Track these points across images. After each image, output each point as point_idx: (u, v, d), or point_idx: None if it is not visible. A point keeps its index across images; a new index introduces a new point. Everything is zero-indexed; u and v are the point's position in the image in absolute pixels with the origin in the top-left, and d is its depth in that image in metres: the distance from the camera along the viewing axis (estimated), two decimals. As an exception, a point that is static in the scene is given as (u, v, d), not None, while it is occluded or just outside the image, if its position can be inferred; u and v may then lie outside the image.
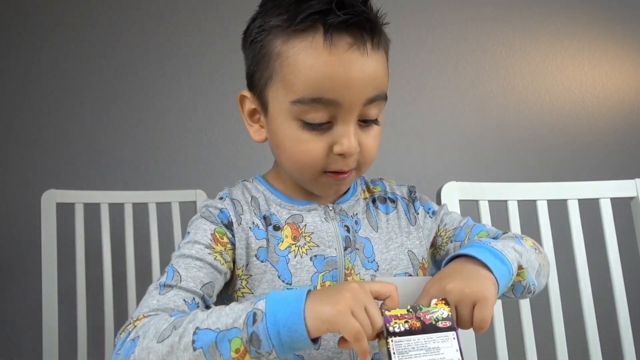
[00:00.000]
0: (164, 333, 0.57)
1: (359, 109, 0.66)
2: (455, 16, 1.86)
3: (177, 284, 0.65)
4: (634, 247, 1.08)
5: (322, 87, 0.63)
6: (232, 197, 0.74)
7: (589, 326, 1.03)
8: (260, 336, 0.53)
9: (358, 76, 0.64)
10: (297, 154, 0.68)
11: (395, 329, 0.53)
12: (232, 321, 0.54)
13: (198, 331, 0.55)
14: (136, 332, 0.58)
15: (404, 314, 0.54)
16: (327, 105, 0.64)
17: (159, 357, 0.55)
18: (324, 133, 0.66)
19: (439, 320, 0.54)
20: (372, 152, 0.70)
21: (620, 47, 1.90)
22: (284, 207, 0.74)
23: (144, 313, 0.62)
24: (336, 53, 0.63)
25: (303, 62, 0.64)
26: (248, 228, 0.71)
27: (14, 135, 1.69)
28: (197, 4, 1.78)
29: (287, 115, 0.66)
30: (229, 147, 1.75)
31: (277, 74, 0.66)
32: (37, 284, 1.21)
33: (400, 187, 0.83)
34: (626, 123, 1.88)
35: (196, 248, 0.68)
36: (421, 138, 1.83)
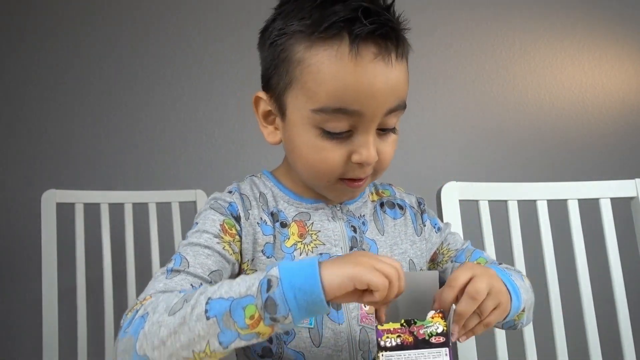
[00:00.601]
0: (175, 307, 0.56)
1: (380, 119, 0.65)
2: (455, 16, 1.86)
3: (185, 269, 0.64)
4: (634, 247, 1.08)
5: (346, 97, 0.62)
6: (241, 192, 0.74)
7: (589, 326, 1.03)
8: (277, 301, 0.52)
9: (382, 87, 0.63)
10: (315, 162, 0.67)
11: (387, 343, 0.52)
12: (246, 289, 0.54)
13: (210, 301, 0.54)
14: (145, 309, 0.58)
15: (397, 328, 0.54)
16: (349, 115, 0.63)
17: (170, 329, 0.54)
18: (344, 142, 0.66)
19: (433, 335, 0.53)
20: (388, 159, 0.70)
21: (620, 47, 1.90)
22: (292, 205, 0.74)
23: (151, 294, 0.61)
24: (361, 63, 0.62)
25: (327, 71, 0.62)
26: (256, 223, 0.71)
27: (15, 135, 1.69)
28: (197, 5, 1.78)
29: (306, 122, 0.65)
30: (229, 147, 1.75)
31: (298, 80, 0.65)
32: (37, 284, 1.21)
33: (409, 196, 0.84)
34: (626, 123, 1.88)
35: (205, 237, 0.68)
36: (421, 138, 1.83)
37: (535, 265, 1.08)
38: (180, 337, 0.54)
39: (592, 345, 1.03)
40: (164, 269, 0.65)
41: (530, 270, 1.05)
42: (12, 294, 1.64)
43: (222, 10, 1.79)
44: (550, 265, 1.06)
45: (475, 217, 1.07)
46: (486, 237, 1.05)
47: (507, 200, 1.08)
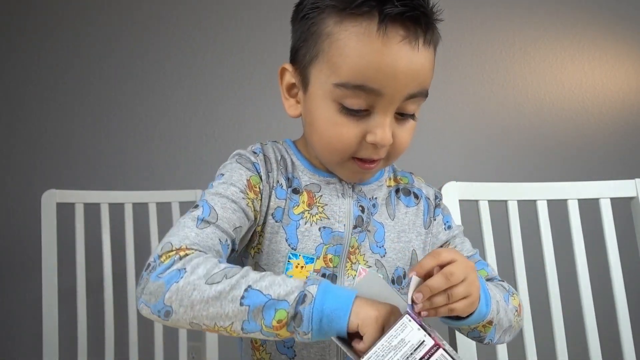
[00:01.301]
0: (214, 277, 0.57)
1: (399, 102, 0.65)
2: (455, 16, 1.86)
3: (215, 221, 0.65)
4: (634, 247, 1.07)
5: (368, 75, 0.63)
6: (264, 154, 0.75)
7: (589, 326, 1.03)
8: (304, 317, 0.55)
9: (404, 70, 0.63)
10: (329, 136, 0.68)
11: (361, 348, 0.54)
12: (285, 294, 0.56)
13: (249, 289, 0.56)
14: (183, 264, 0.58)
15: None
16: (368, 94, 0.64)
17: (203, 297, 0.56)
18: (360, 120, 0.66)
19: None
20: (403, 145, 0.70)
21: (620, 47, 1.90)
22: (306, 174, 0.75)
23: (187, 245, 0.61)
24: (388, 44, 0.62)
25: (353, 47, 0.63)
26: (272, 187, 0.72)
27: (15, 135, 1.69)
28: (197, 6, 1.78)
29: (327, 96, 0.66)
30: (229, 147, 1.74)
31: (325, 53, 0.66)
32: (37, 284, 1.21)
33: (428, 188, 0.84)
34: (626, 123, 1.88)
35: (232, 190, 0.69)
36: (421, 138, 1.83)
37: (535, 265, 1.08)
38: (210, 309, 0.56)
39: (592, 345, 1.03)
40: (193, 215, 0.65)
41: (530, 270, 1.05)
42: (12, 294, 1.64)
43: (223, 10, 1.79)
44: (550, 265, 1.06)
45: (475, 217, 1.07)
46: (486, 237, 1.05)
47: (507, 200, 1.08)
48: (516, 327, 0.75)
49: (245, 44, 1.74)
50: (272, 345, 0.71)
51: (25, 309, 1.62)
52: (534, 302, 1.04)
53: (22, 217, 1.64)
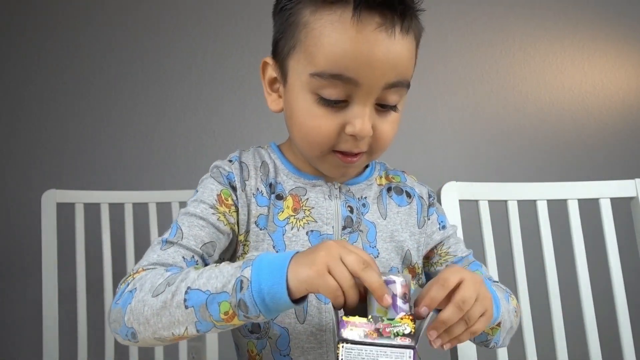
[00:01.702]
0: (159, 288, 0.58)
1: (378, 92, 0.64)
2: (455, 16, 1.86)
3: (179, 241, 0.67)
4: (634, 247, 1.08)
5: (344, 64, 0.62)
6: (241, 160, 0.74)
7: (589, 326, 1.03)
8: (247, 303, 0.54)
9: (381, 58, 0.62)
10: (308, 128, 0.66)
11: (349, 335, 0.51)
12: (222, 285, 0.55)
13: (189, 291, 0.56)
14: (134, 284, 0.60)
15: (363, 322, 0.51)
16: (345, 83, 0.62)
17: (153, 310, 0.57)
18: (339, 111, 0.65)
19: (399, 335, 0.51)
20: (386, 138, 0.68)
21: (620, 47, 1.90)
22: (291, 178, 0.74)
23: (144, 266, 0.63)
24: (363, 31, 0.61)
25: (328, 35, 0.62)
26: (251, 194, 0.71)
27: (15, 135, 1.69)
28: (197, 5, 1.78)
29: (304, 87, 0.65)
30: (229, 147, 1.75)
31: (301, 44, 0.65)
32: (37, 284, 1.21)
33: (421, 186, 0.82)
34: (626, 123, 1.88)
35: (201, 207, 0.70)
36: (421, 138, 1.83)
37: (535, 265, 1.08)
38: (162, 319, 0.57)
39: (592, 345, 1.03)
40: (161, 238, 0.68)
41: (530, 270, 1.05)
42: (12, 294, 1.64)
43: (223, 10, 1.79)
44: (550, 265, 1.06)
45: (475, 217, 1.07)
46: (486, 237, 1.05)
47: (507, 200, 1.08)
48: (515, 329, 0.74)
49: (246, 43, 1.74)
50: (268, 354, 0.70)
51: (25, 309, 1.62)
52: (534, 302, 1.04)
53: (22, 217, 1.64)
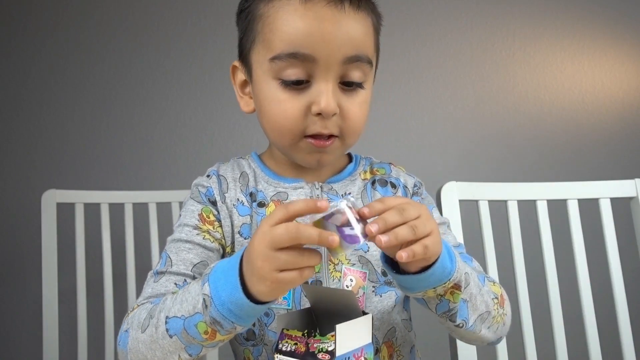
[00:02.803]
0: (144, 323, 0.59)
1: (337, 67, 0.64)
2: (455, 16, 1.86)
3: (168, 269, 0.67)
4: (634, 247, 1.08)
5: (297, 41, 0.63)
6: (219, 174, 0.75)
7: (589, 326, 1.03)
8: (217, 318, 0.54)
9: (332, 31, 0.63)
10: (275, 115, 0.67)
11: (283, 347, 0.56)
12: (192, 307, 0.56)
13: (168, 320, 0.57)
14: (128, 324, 0.62)
15: (298, 336, 0.56)
16: (303, 61, 0.63)
17: (146, 346, 0.59)
18: (302, 92, 0.65)
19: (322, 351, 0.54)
20: (355, 118, 0.68)
21: (620, 47, 1.90)
22: (271, 184, 0.74)
23: (139, 302, 0.64)
24: (312, 8, 0.63)
25: (280, 18, 0.64)
26: (232, 205, 0.72)
27: (14, 135, 1.69)
28: (196, 5, 1.78)
29: (267, 75, 0.66)
30: (229, 147, 1.75)
31: (259, 34, 0.67)
32: (37, 284, 1.21)
33: (408, 176, 0.81)
34: (626, 123, 1.88)
35: (185, 231, 0.70)
36: (421, 138, 1.83)
37: (535, 265, 1.08)
38: (156, 352, 0.58)
39: (592, 345, 1.03)
40: (152, 271, 0.69)
41: (530, 270, 1.05)
42: (12, 294, 1.64)
43: (222, 10, 1.79)
44: (550, 265, 1.06)
45: (475, 217, 1.07)
46: (486, 237, 1.05)
47: (507, 200, 1.08)
48: (499, 320, 0.69)
49: (245, 44, 1.74)
50: None
51: (25, 309, 1.62)
52: (533, 302, 1.04)
53: (22, 217, 1.64)
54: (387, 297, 0.72)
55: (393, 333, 0.73)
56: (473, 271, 0.65)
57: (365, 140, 1.83)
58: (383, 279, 0.72)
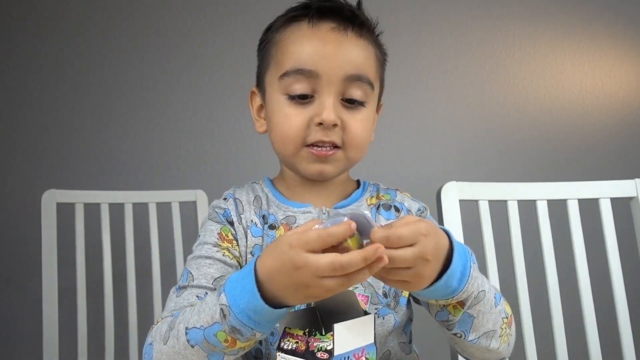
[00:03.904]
0: (166, 335, 0.61)
1: (339, 83, 0.70)
2: (455, 16, 1.86)
3: (190, 283, 0.69)
4: (634, 247, 1.08)
5: (303, 59, 0.70)
6: (235, 197, 0.79)
7: (589, 326, 1.03)
8: (237, 326, 0.55)
9: (335, 51, 0.70)
10: (281, 127, 0.72)
11: (285, 345, 0.57)
12: (210, 318, 0.57)
13: (188, 330, 0.59)
14: (152, 337, 0.64)
15: (300, 335, 0.57)
16: (308, 77, 0.70)
17: (169, 357, 0.60)
18: (307, 106, 0.71)
19: (321, 350, 0.55)
20: (357, 133, 0.72)
21: (620, 47, 1.90)
22: (281, 209, 0.77)
23: (163, 316, 0.66)
24: (317, 32, 0.71)
25: (290, 41, 0.72)
26: (247, 226, 0.75)
27: (15, 135, 1.69)
28: (197, 5, 1.78)
29: (277, 92, 0.72)
30: (229, 147, 1.75)
31: (273, 57, 0.74)
32: (37, 284, 1.21)
33: (412, 202, 0.83)
34: (626, 123, 1.88)
35: (205, 248, 0.73)
36: (421, 138, 1.83)
37: (535, 265, 1.08)
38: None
39: (592, 345, 1.03)
40: (175, 287, 0.71)
41: (530, 270, 1.05)
42: (12, 294, 1.64)
43: (222, 10, 1.79)
44: (550, 265, 1.06)
45: (475, 217, 1.07)
46: (486, 237, 1.05)
47: (507, 200, 1.08)
48: (505, 339, 0.69)
49: (246, 43, 1.74)
50: None
51: (25, 309, 1.62)
52: (534, 302, 1.04)
53: (22, 217, 1.64)
54: (386, 321, 0.73)
55: (388, 356, 0.74)
56: (491, 290, 0.66)
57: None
58: (385, 301, 0.73)
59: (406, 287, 0.57)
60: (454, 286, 0.58)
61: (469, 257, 0.61)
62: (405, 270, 0.53)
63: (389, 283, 0.56)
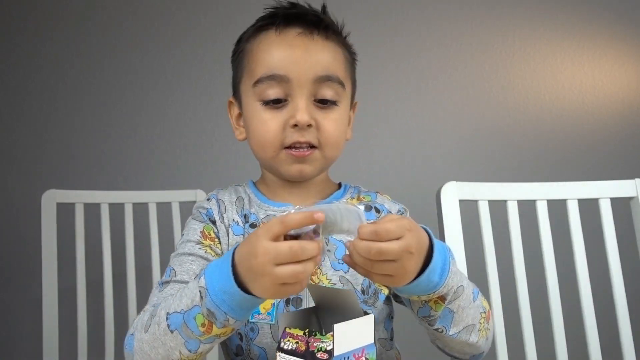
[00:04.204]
0: (147, 323, 0.63)
1: (310, 85, 0.73)
2: (455, 16, 1.86)
3: (173, 278, 0.72)
4: (634, 247, 1.07)
5: (273, 64, 0.73)
6: (218, 198, 0.82)
7: (589, 326, 1.03)
8: (211, 308, 0.56)
9: (303, 54, 0.73)
10: (260, 133, 0.75)
11: (285, 345, 0.57)
12: (191, 301, 0.59)
13: (169, 315, 0.60)
14: (133, 328, 0.66)
15: (300, 335, 0.58)
16: (279, 82, 0.73)
17: (149, 344, 0.62)
18: (281, 110, 0.74)
19: (321, 350, 0.56)
20: (331, 132, 0.75)
21: (620, 47, 1.90)
22: (262, 208, 0.80)
23: (145, 309, 0.68)
24: (285, 38, 0.75)
25: (260, 49, 0.76)
26: (229, 225, 0.78)
27: (15, 135, 1.69)
28: (197, 6, 1.78)
29: (252, 99, 0.75)
30: (229, 147, 1.75)
31: (245, 67, 0.78)
32: (37, 284, 1.22)
33: (392, 203, 0.85)
34: (626, 123, 1.88)
35: (188, 246, 0.75)
36: (421, 138, 1.83)
37: (535, 265, 1.08)
38: (159, 350, 0.61)
39: (592, 345, 1.03)
40: (158, 282, 0.73)
41: (530, 270, 1.05)
42: (12, 294, 1.64)
43: (222, 10, 1.79)
44: (550, 265, 1.06)
45: (475, 217, 1.07)
46: (486, 237, 1.05)
47: (506, 200, 1.08)
48: (484, 333, 0.71)
49: (245, 44, 1.74)
50: None
51: (25, 309, 1.62)
52: (533, 302, 1.04)
53: (22, 217, 1.64)
54: None
55: None
56: (469, 285, 0.68)
57: (366, 141, 1.84)
58: (362, 297, 0.75)
59: (390, 282, 0.58)
60: (435, 281, 0.61)
61: (448, 253, 0.64)
62: (391, 263, 0.55)
63: (374, 277, 0.57)
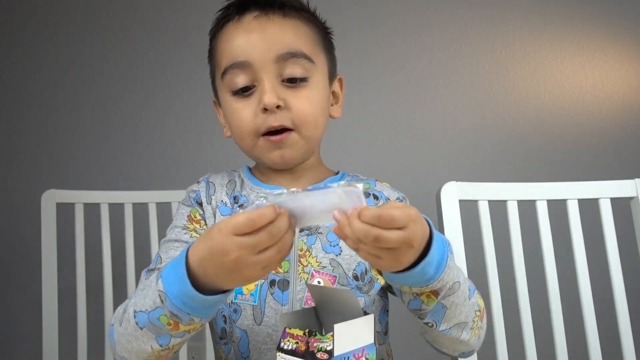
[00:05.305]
0: (121, 317, 0.64)
1: (273, 66, 0.72)
2: (455, 16, 1.86)
3: (158, 266, 0.72)
4: (634, 247, 1.07)
5: (234, 53, 0.73)
6: (209, 180, 0.82)
7: (589, 326, 1.03)
8: (174, 311, 0.56)
9: (261, 36, 0.72)
10: (236, 124, 0.75)
11: (285, 346, 0.57)
12: (153, 302, 0.59)
13: (136, 314, 0.61)
14: (114, 318, 0.67)
15: (300, 335, 0.58)
16: (243, 69, 0.72)
17: (125, 338, 0.63)
18: (251, 97, 0.73)
19: (321, 350, 0.55)
20: (303, 110, 0.73)
21: (620, 47, 1.90)
22: (254, 190, 0.79)
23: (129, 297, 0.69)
24: (241, 25, 0.74)
25: (220, 41, 0.77)
26: (216, 206, 0.78)
27: (15, 135, 1.69)
28: (197, 6, 1.78)
29: (224, 93, 0.76)
30: (229, 147, 1.75)
31: (215, 64, 0.79)
32: (37, 284, 1.21)
33: (391, 191, 0.83)
34: (626, 123, 1.88)
35: (175, 231, 0.76)
36: (421, 138, 1.83)
37: (535, 265, 1.07)
38: (133, 344, 0.62)
39: (592, 345, 1.02)
40: (145, 270, 0.74)
41: (530, 270, 1.05)
42: (12, 294, 1.64)
43: (222, 10, 1.79)
44: (550, 265, 1.06)
45: (475, 217, 1.07)
46: (486, 237, 1.05)
47: (506, 200, 1.07)
48: (476, 332, 0.69)
49: (245, 44, 1.74)
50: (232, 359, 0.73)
51: (25, 309, 1.62)
52: (533, 302, 1.04)
53: (22, 217, 1.64)
54: None
55: None
56: (466, 281, 0.66)
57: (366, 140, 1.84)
58: (354, 283, 0.73)
59: (379, 264, 0.54)
60: (430, 274, 0.58)
61: (447, 247, 0.61)
62: (386, 249, 0.51)
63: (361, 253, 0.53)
